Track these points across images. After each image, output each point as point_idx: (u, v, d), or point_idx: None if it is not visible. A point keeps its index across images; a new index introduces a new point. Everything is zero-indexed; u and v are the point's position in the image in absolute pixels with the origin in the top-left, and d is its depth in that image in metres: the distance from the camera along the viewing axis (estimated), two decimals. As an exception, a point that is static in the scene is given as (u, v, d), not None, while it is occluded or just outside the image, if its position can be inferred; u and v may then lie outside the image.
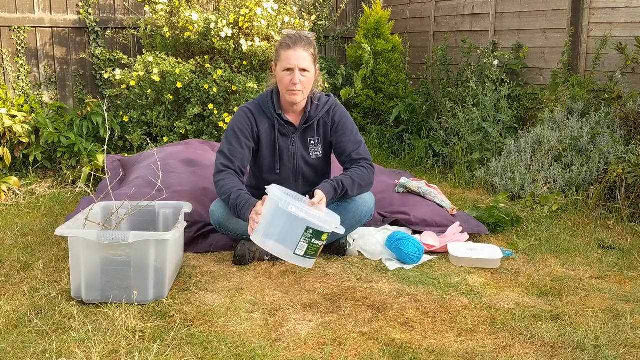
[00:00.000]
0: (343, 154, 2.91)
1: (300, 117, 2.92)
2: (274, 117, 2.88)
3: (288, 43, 2.76)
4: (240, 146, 2.83)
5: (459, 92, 5.35)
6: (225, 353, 1.99)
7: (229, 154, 2.82)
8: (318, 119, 2.92)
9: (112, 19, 5.57)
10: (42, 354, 1.96)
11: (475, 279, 2.69)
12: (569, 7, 4.76)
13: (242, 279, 2.65)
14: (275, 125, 2.88)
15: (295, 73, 2.74)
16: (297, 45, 2.75)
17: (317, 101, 2.92)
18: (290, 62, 2.74)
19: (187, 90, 4.77)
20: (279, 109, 2.88)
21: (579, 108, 4.42)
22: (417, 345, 2.07)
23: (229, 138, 2.85)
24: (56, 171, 4.41)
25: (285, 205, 2.37)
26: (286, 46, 2.76)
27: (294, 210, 2.36)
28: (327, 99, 2.96)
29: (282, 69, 2.77)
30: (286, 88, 2.78)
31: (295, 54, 2.74)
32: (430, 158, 5.06)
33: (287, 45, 2.76)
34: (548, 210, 3.72)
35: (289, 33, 2.83)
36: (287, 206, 2.37)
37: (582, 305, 2.41)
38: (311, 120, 2.91)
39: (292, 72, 2.75)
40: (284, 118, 2.88)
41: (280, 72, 2.78)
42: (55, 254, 2.89)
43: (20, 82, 5.24)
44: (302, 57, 2.75)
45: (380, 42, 5.71)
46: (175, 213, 2.76)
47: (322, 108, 2.93)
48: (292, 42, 2.76)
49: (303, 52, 2.76)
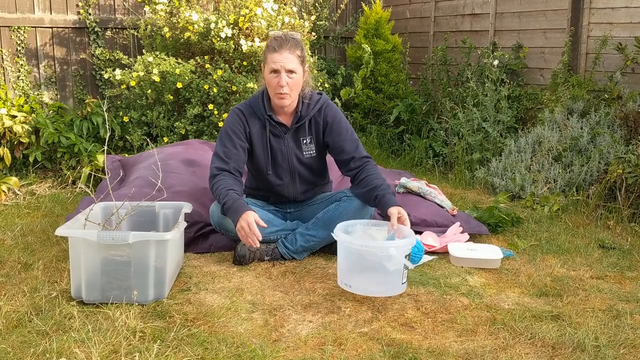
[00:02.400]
0: (343, 153, 2.89)
1: (291, 118, 2.91)
2: (265, 118, 2.87)
3: (274, 46, 2.75)
4: (234, 147, 2.83)
5: (459, 92, 5.35)
6: (226, 353, 1.99)
7: (224, 156, 2.81)
8: (309, 117, 2.91)
9: (112, 19, 5.57)
10: (43, 354, 1.96)
11: (475, 279, 2.69)
12: (568, 7, 4.76)
13: (242, 279, 2.65)
14: (266, 126, 2.88)
15: (281, 75, 2.73)
16: (282, 48, 2.73)
17: (308, 100, 2.90)
18: (276, 64, 2.73)
19: (187, 91, 4.77)
20: (269, 110, 2.87)
21: (579, 108, 4.42)
22: (417, 346, 2.07)
23: (223, 140, 2.85)
24: (56, 171, 4.41)
25: (387, 257, 2.37)
26: (272, 49, 2.75)
27: (398, 260, 2.37)
28: (318, 97, 2.94)
29: (268, 71, 2.77)
30: (274, 91, 2.78)
31: (281, 56, 2.72)
32: (431, 158, 5.06)
33: (273, 48, 2.75)
34: (548, 210, 3.73)
35: (276, 35, 2.82)
36: (389, 258, 2.37)
37: (582, 306, 2.42)
38: (302, 120, 2.90)
39: (278, 74, 2.74)
40: (274, 119, 2.87)
41: (268, 74, 2.77)
42: (55, 254, 2.89)
43: (20, 82, 5.24)
44: (288, 59, 2.73)
45: (380, 42, 5.72)
46: (176, 213, 2.76)
47: (313, 107, 2.91)
48: (277, 44, 2.75)
49: (289, 54, 2.74)
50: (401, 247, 2.37)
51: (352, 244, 2.41)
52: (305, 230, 2.88)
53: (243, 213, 2.58)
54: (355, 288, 2.42)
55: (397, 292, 2.43)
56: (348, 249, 2.44)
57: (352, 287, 2.42)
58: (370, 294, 2.43)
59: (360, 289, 2.42)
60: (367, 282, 2.42)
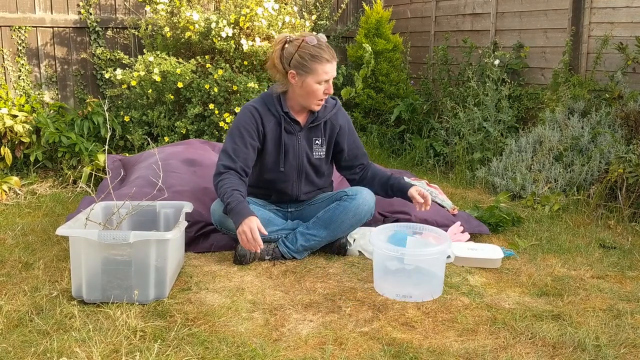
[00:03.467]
0: (355, 159, 3.05)
1: (307, 117, 2.92)
2: (280, 115, 2.87)
3: (326, 57, 2.73)
4: (244, 145, 2.81)
5: (459, 92, 5.35)
6: (226, 353, 1.99)
7: (233, 154, 2.79)
8: (325, 119, 2.94)
9: (113, 19, 5.57)
10: (43, 353, 1.96)
11: (476, 278, 2.69)
12: (569, 7, 4.75)
13: (242, 278, 2.65)
14: (281, 122, 2.88)
15: (330, 84, 2.79)
16: (334, 58, 2.77)
17: (326, 103, 2.93)
18: (328, 74, 2.76)
19: (187, 90, 4.77)
20: (286, 108, 2.88)
21: (579, 108, 4.41)
22: (417, 345, 2.07)
23: (234, 137, 2.83)
24: (57, 171, 4.41)
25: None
26: (324, 60, 2.73)
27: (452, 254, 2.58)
28: (334, 102, 3.00)
29: (316, 81, 2.75)
30: (318, 99, 2.80)
31: (333, 67, 2.77)
32: (431, 158, 5.06)
33: (326, 59, 2.73)
34: (549, 210, 3.72)
35: (318, 44, 2.75)
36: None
37: (582, 305, 2.41)
38: (318, 121, 2.92)
39: (327, 83, 2.78)
40: (290, 116, 2.88)
41: (314, 84, 2.76)
42: (56, 254, 2.89)
43: (21, 81, 5.25)
44: (335, 68, 2.80)
45: (381, 41, 5.71)
46: (176, 213, 2.76)
47: (330, 110, 2.95)
48: (329, 56, 2.74)
49: (335, 63, 2.79)
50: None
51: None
52: (305, 230, 2.88)
53: (246, 217, 2.57)
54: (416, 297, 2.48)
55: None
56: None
57: (412, 296, 2.47)
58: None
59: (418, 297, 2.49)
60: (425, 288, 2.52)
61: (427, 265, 2.53)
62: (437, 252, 2.49)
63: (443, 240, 2.57)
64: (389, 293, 2.47)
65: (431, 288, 2.48)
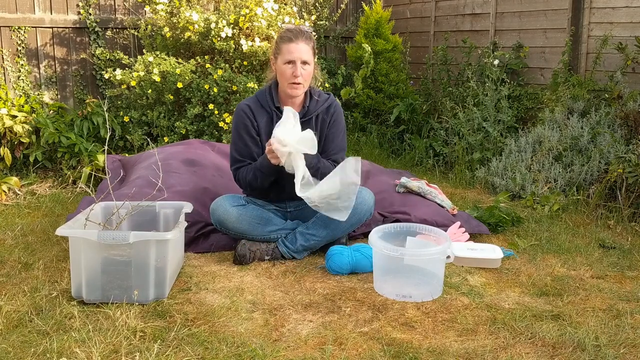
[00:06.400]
0: (324, 152, 2.95)
1: (298, 111, 2.93)
2: (272, 111, 2.91)
3: (289, 36, 2.81)
4: (245, 145, 2.91)
5: (459, 92, 5.35)
6: (226, 353, 1.99)
7: (238, 155, 2.93)
8: (316, 113, 2.95)
9: (113, 19, 5.57)
10: (43, 353, 1.96)
11: (475, 278, 2.69)
12: (569, 7, 4.75)
13: (242, 278, 2.65)
14: (273, 118, 2.91)
15: (297, 65, 2.79)
16: (298, 39, 2.80)
17: (317, 97, 2.97)
18: (292, 54, 2.78)
19: (187, 90, 4.77)
20: (277, 102, 2.91)
21: (579, 108, 4.41)
22: (417, 345, 2.07)
23: (235, 139, 2.95)
24: (57, 171, 4.41)
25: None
26: (287, 39, 2.81)
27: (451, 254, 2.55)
28: (327, 97, 3.01)
29: (283, 61, 2.81)
30: (288, 81, 2.82)
31: (297, 46, 2.79)
32: (431, 158, 5.05)
33: (289, 38, 2.80)
34: (548, 210, 3.72)
35: (289, 27, 2.89)
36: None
37: (582, 305, 2.42)
38: (309, 115, 2.93)
39: (294, 64, 2.79)
40: (282, 111, 2.88)
41: (282, 64, 2.82)
42: (55, 254, 2.89)
43: (20, 82, 5.24)
44: (304, 49, 2.80)
45: (380, 41, 5.71)
46: (176, 213, 2.76)
47: (322, 104, 2.96)
48: (293, 35, 2.81)
49: (304, 45, 2.81)
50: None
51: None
52: (305, 230, 2.88)
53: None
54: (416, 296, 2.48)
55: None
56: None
57: (412, 296, 2.47)
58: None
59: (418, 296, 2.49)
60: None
61: (427, 265, 2.52)
62: (436, 252, 2.49)
63: (443, 240, 2.57)
64: (389, 293, 2.47)
65: (431, 288, 2.48)
